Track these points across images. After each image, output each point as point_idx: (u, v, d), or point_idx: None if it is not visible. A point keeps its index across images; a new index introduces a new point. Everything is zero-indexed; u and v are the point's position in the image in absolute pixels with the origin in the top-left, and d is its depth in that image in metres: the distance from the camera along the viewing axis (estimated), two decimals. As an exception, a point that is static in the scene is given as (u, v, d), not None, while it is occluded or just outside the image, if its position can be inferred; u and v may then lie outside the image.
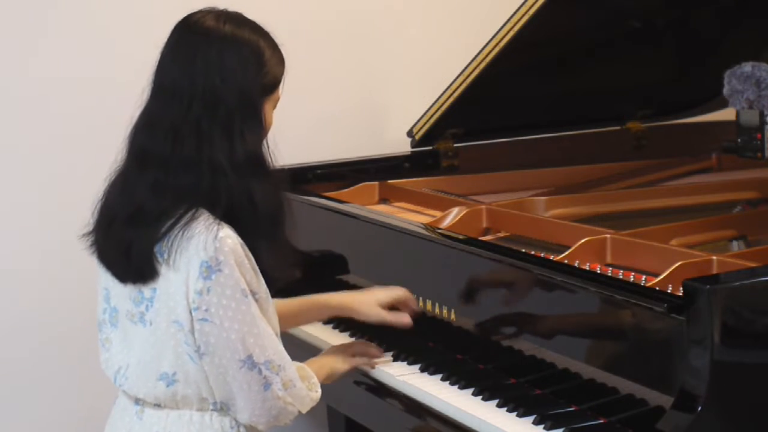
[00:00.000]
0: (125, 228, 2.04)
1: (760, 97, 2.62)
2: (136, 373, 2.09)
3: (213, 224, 2.00)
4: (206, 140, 2.01)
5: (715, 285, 1.92)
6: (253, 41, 2.07)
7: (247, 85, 2.04)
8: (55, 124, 3.20)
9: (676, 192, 3.04)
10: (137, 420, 2.11)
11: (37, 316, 3.21)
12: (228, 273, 1.98)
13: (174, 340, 2.03)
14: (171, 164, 2.02)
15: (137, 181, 2.05)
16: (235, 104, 2.03)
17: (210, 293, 1.98)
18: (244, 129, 2.03)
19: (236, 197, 2.02)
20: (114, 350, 2.14)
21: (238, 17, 2.11)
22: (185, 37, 2.08)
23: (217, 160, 2.01)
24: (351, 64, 3.60)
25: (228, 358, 2.01)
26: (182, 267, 2.00)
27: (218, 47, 2.04)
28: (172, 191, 2.01)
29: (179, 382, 2.05)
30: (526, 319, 2.31)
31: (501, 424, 2.14)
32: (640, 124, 3.61)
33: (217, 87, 2.02)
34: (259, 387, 2.03)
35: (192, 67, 2.03)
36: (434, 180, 3.24)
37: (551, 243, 2.60)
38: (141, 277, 2.05)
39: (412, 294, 2.49)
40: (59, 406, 3.27)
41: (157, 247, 2.01)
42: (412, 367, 2.45)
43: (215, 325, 1.99)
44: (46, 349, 3.23)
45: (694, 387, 1.90)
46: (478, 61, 3.04)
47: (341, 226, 2.86)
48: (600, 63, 3.33)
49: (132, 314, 2.09)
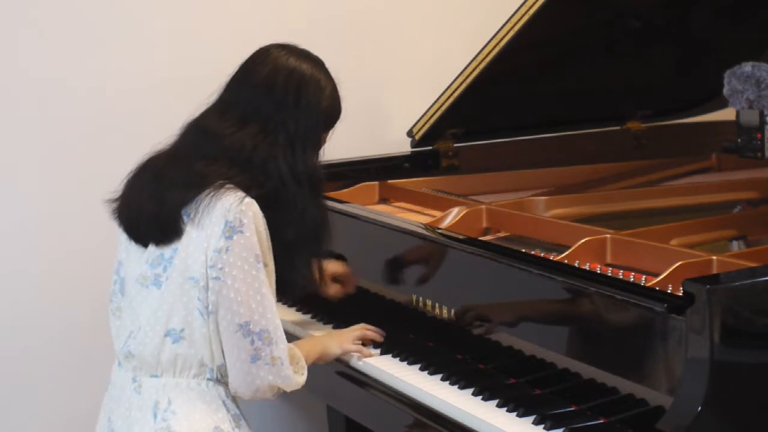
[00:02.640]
0: (156, 197, 2.15)
1: (760, 97, 2.61)
2: (144, 332, 2.16)
3: (239, 191, 2.12)
4: (271, 145, 2.16)
5: (715, 285, 1.92)
6: (331, 80, 2.31)
7: (316, 112, 2.25)
8: (55, 125, 3.20)
9: (676, 192, 3.04)
10: (136, 395, 2.18)
11: (37, 315, 3.21)
12: (248, 236, 2.09)
13: (187, 296, 2.12)
14: (231, 149, 2.15)
15: (189, 164, 2.16)
16: (301, 126, 2.21)
17: (228, 253, 2.08)
18: (307, 148, 2.20)
19: (288, 202, 2.15)
20: (124, 317, 2.22)
21: (317, 59, 2.31)
22: (276, 54, 2.24)
23: (275, 162, 2.16)
24: (351, 64, 3.59)
25: (228, 320, 2.10)
26: (206, 225, 2.10)
27: (305, 71, 2.24)
28: (223, 169, 2.14)
29: (185, 339, 2.13)
30: (526, 319, 2.31)
31: (501, 424, 2.14)
32: (640, 124, 3.61)
33: (290, 109, 2.19)
34: (247, 357, 2.11)
35: (273, 82, 2.20)
36: (434, 180, 3.24)
37: (551, 243, 2.60)
38: (164, 237, 2.15)
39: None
40: (60, 405, 3.27)
41: (185, 210, 2.12)
42: (412, 367, 2.45)
43: (225, 285, 2.09)
44: (46, 348, 3.23)
45: (694, 387, 1.90)
46: (478, 61, 3.04)
47: (341, 226, 2.86)
48: (600, 63, 3.33)
49: (145, 277, 2.17)
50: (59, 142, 3.20)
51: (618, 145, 3.56)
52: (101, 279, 2.60)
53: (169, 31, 3.28)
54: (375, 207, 3.05)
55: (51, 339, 3.24)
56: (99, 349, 2.89)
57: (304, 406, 3.50)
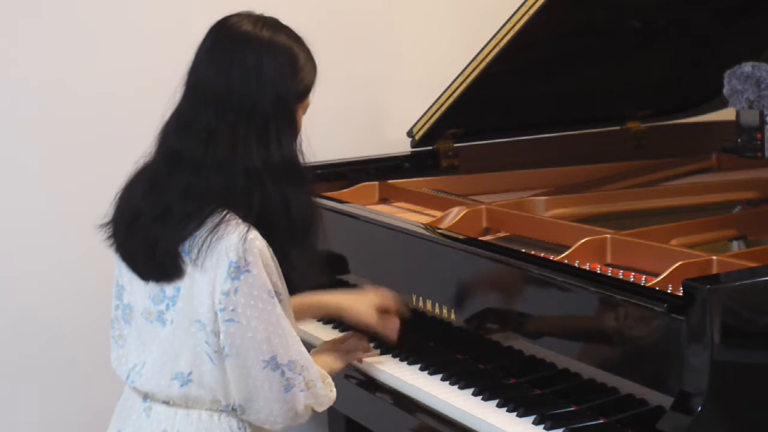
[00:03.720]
0: (152, 225, 2.04)
1: (760, 97, 2.61)
2: (151, 371, 2.09)
3: (242, 226, 2.00)
4: (242, 145, 2.02)
5: (715, 285, 1.92)
6: (288, 47, 2.08)
7: (284, 91, 2.06)
8: (56, 125, 3.20)
9: (676, 192, 3.04)
10: (145, 417, 2.12)
11: (38, 314, 3.21)
12: (256, 274, 1.99)
13: (194, 340, 2.04)
14: (204, 168, 2.02)
15: (167, 181, 2.05)
16: (271, 110, 2.04)
17: (237, 294, 1.99)
18: (280, 135, 2.05)
19: (271, 203, 2.03)
20: (129, 347, 2.14)
21: (275, 23, 2.12)
22: (222, 40, 2.08)
23: (253, 165, 2.02)
24: (351, 64, 3.60)
25: (252, 358, 2.01)
26: (210, 268, 2.00)
27: (256, 53, 2.05)
28: (204, 194, 2.02)
29: (193, 383, 2.06)
30: (526, 319, 2.31)
31: (501, 424, 2.14)
32: (640, 124, 3.61)
33: (253, 93, 2.03)
34: (280, 388, 2.04)
35: (229, 72, 2.04)
36: (434, 180, 3.24)
37: (551, 243, 2.60)
38: (165, 276, 2.05)
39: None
40: (63, 406, 3.27)
41: (183, 247, 2.02)
42: (412, 367, 2.45)
43: (241, 326, 2.00)
44: (49, 349, 3.23)
45: (694, 387, 1.90)
46: (478, 61, 3.04)
47: (341, 226, 2.86)
48: (600, 63, 3.33)
49: (149, 312, 2.09)
50: (60, 143, 3.20)
51: (618, 145, 3.56)
52: (105, 279, 2.58)
53: (169, 32, 3.28)
54: (375, 207, 3.05)
55: (54, 340, 3.24)
56: (105, 352, 2.89)
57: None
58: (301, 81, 2.09)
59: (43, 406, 3.25)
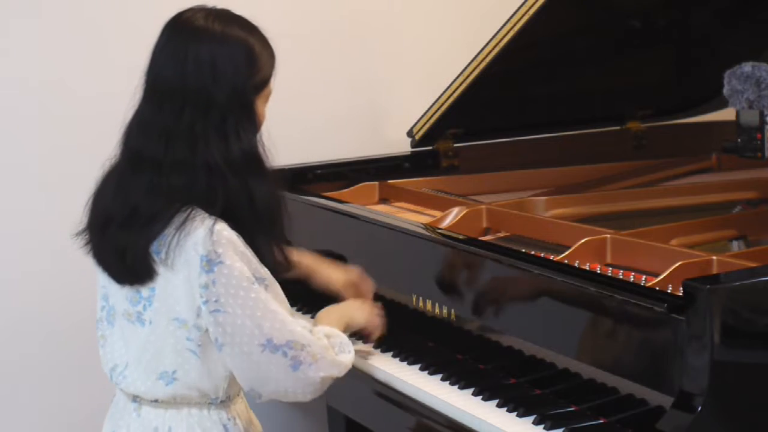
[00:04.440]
0: (120, 231, 2.05)
1: (760, 97, 2.61)
2: (135, 372, 2.11)
3: (206, 219, 2.01)
4: (201, 142, 2.02)
5: (715, 285, 1.92)
6: (243, 39, 2.07)
7: (240, 84, 2.05)
8: (56, 125, 3.20)
9: (676, 192, 3.04)
10: (135, 417, 2.13)
11: (38, 314, 3.21)
12: (229, 263, 1.99)
13: (174, 338, 2.05)
14: (165, 166, 2.02)
15: (131, 182, 2.06)
16: (228, 104, 2.03)
17: (216, 284, 1.99)
18: (239, 128, 2.04)
19: (234, 197, 2.03)
20: (110, 347, 2.16)
21: (227, 14, 2.11)
22: (175, 36, 2.08)
23: (213, 160, 2.01)
24: (351, 64, 3.60)
25: (248, 344, 2.01)
26: (181, 267, 2.01)
27: (209, 47, 2.04)
28: (167, 193, 2.02)
29: (179, 380, 2.07)
30: (526, 319, 2.31)
31: (501, 424, 2.14)
32: (640, 124, 3.61)
33: (209, 87, 2.02)
34: (287, 368, 2.04)
35: (183, 68, 2.03)
36: (434, 180, 3.24)
37: (551, 243, 2.60)
38: (137, 279, 2.06)
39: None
40: (61, 405, 3.27)
41: (153, 247, 2.02)
42: (412, 367, 2.45)
43: (229, 314, 2.00)
44: (47, 348, 3.23)
45: (694, 387, 1.90)
46: (478, 61, 3.04)
47: (341, 226, 2.86)
48: (600, 63, 3.33)
49: (129, 314, 2.10)
50: (60, 143, 3.20)
51: (618, 145, 3.56)
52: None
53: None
54: (375, 207, 3.05)
55: (53, 338, 3.23)
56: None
57: (304, 405, 3.50)
58: (258, 72, 2.07)
59: (41, 405, 3.25)
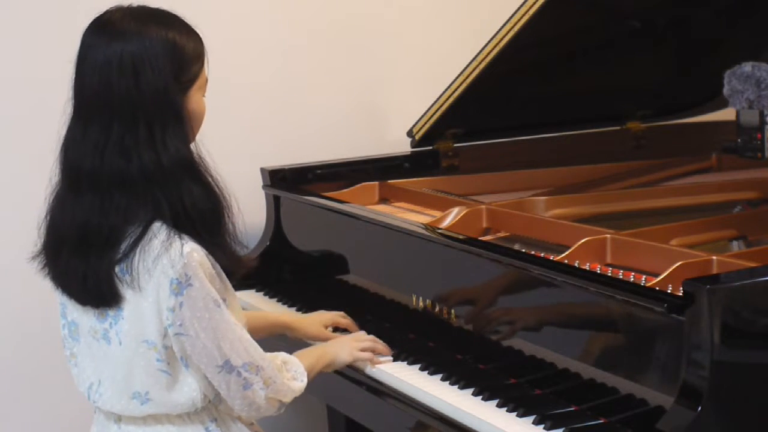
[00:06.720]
0: (76, 256, 2.00)
1: (760, 97, 2.62)
2: (109, 390, 2.07)
3: (175, 240, 1.96)
4: (134, 154, 1.95)
5: (715, 285, 1.92)
6: (161, 35, 1.96)
7: (162, 85, 1.95)
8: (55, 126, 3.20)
9: (676, 192, 3.04)
10: (117, 429, 2.11)
11: (38, 313, 3.21)
12: (198, 286, 1.96)
13: (144, 360, 2.02)
14: (104, 184, 1.97)
15: (75, 203, 2.00)
16: (154, 111, 1.95)
17: (182, 308, 1.97)
18: (166, 135, 1.96)
19: (174, 204, 1.97)
20: (82, 365, 2.12)
21: (143, 11, 2.01)
22: (95, 43, 1.98)
23: (148, 171, 1.95)
24: (351, 64, 3.60)
25: (206, 365, 2.01)
26: (150, 289, 1.97)
27: (129, 50, 1.94)
28: (114, 211, 1.97)
29: (153, 400, 2.04)
30: (526, 319, 2.31)
31: (501, 424, 2.14)
32: (640, 124, 3.61)
33: (133, 96, 1.94)
34: (239, 387, 2.04)
35: (108, 77, 1.95)
36: (434, 180, 3.24)
37: (551, 243, 2.60)
38: (103, 302, 2.01)
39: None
40: (60, 404, 3.27)
41: (118, 269, 1.97)
42: (412, 367, 2.45)
43: (190, 338, 1.99)
44: (45, 348, 3.23)
45: (694, 387, 1.90)
46: (478, 61, 3.04)
47: (341, 226, 2.86)
48: (600, 63, 3.33)
49: (95, 330, 2.06)
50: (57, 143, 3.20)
51: (618, 145, 3.56)
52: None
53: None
54: (375, 207, 3.06)
55: (52, 340, 3.23)
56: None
57: (304, 406, 3.50)
58: (183, 66, 1.99)
59: (40, 405, 3.25)
